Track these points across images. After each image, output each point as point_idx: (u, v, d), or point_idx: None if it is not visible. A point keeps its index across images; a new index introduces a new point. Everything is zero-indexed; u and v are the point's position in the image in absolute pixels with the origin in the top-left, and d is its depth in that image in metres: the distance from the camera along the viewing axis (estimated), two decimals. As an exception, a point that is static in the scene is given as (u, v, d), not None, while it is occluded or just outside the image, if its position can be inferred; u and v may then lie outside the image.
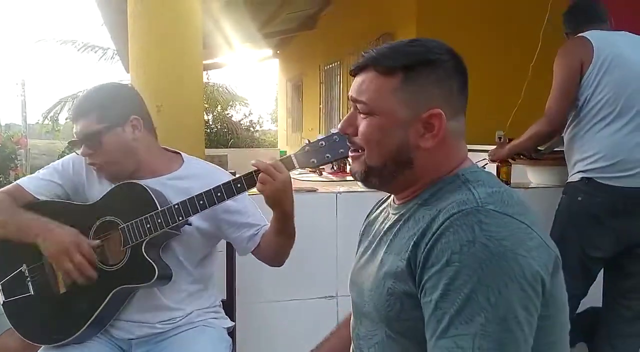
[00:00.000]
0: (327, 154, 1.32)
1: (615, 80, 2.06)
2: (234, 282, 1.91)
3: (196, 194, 1.42)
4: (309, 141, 1.36)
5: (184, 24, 2.27)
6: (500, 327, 0.76)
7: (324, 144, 1.32)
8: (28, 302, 1.54)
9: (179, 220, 1.43)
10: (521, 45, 3.75)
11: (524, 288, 0.77)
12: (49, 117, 14.36)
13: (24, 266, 1.55)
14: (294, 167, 1.37)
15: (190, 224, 1.51)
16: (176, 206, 1.43)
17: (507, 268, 0.77)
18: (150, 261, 1.45)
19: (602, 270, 2.20)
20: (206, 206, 1.42)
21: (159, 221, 1.43)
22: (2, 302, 1.57)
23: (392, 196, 1.05)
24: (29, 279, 1.54)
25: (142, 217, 1.44)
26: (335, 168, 3.26)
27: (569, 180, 2.19)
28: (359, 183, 1.03)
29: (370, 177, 0.98)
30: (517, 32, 4.52)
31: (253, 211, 1.62)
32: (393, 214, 1.00)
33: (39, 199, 1.56)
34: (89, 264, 1.43)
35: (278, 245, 1.56)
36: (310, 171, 3.51)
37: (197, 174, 1.60)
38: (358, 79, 0.99)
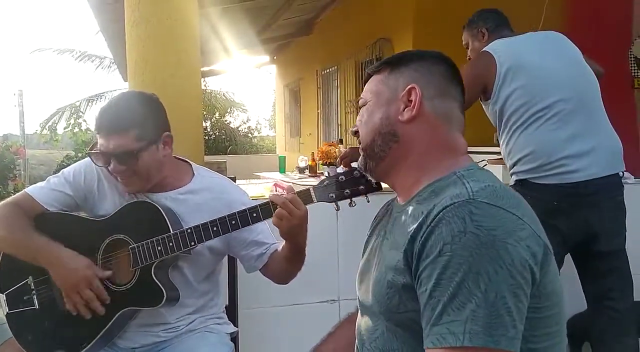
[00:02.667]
0: (346, 190, 1.29)
1: (524, 84, 2.07)
2: (236, 288, 1.91)
3: (210, 220, 1.39)
4: (328, 174, 1.33)
5: (182, 31, 2.28)
6: (489, 312, 0.79)
7: (344, 178, 1.29)
8: (32, 315, 1.52)
9: (191, 245, 1.41)
10: (517, 47, 3.76)
11: (513, 275, 0.80)
12: (47, 127, 14.36)
13: (30, 278, 1.52)
14: (312, 202, 1.34)
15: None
16: (189, 231, 1.40)
17: (496, 256, 0.80)
18: (159, 285, 1.43)
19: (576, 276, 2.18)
20: (220, 233, 1.40)
21: (171, 244, 1.41)
22: (5, 313, 1.55)
23: (397, 196, 1.09)
24: (34, 292, 1.52)
25: (154, 239, 1.42)
26: (332, 164, 3.26)
27: (509, 184, 2.18)
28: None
29: (368, 161, 1.07)
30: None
31: (262, 228, 1.57)
32: (397, 212, 1.05)
33: (48, 210, 1.53)
34: (98, 299, 1.42)
35: (287, 269, 1.55)
36: (310, 175, 3.52)
37: (208, 187, 1.57)
38: None
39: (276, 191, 2.69)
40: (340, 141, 3.99)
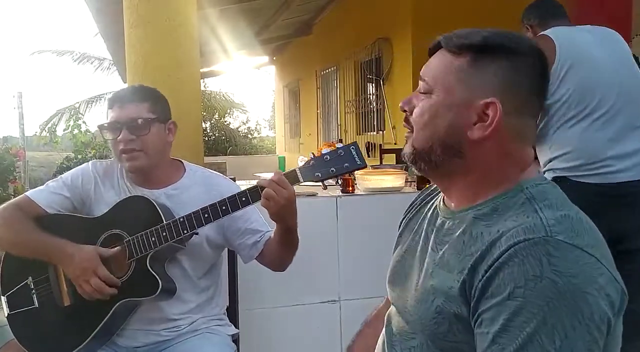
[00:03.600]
0: (331, 168, 1.32)
1: (580, 78, 2.05)
2: (237, 289, 1.92)
3: (201, 207, 1.42)
4: (313, 155, 1.36)
5: (181, 32, 2.28)
6: None
7: (328, 158, 1.32)
8: (32, 314, 1.54)
9: (184, 233, 1.43)
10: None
11: (591, 331, 0.72)
12: (46, 128, 14.35)
13: (30, 279, 1.56)
14: (298, 182, 1.36)
15: (197, 234, 1.51)
16: (181, 219, 1.43)
17: (575, 309, 0.72)
18: (155, 275, 1.45)
19: None
20: (211, 219, 1.42)
21: (164, 234, 1.44)
22: (6, 315, 1.57)
23: (442, 195, 0.99)
24: (33, 291, 1.55)
25: (148, 231, 1.45)
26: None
27: None
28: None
29: (418, 161, 0.92)
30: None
31: (256, 216, 1.62)
32: (445, 218, 0.94)
33: (48, 212, 1.56)
34: (108, 284, 1.44)
35: (282, 254, 1.57)
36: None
37: (199, 181, 1.62)
38: (430, 60, 0.92)
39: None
40: (340, 141, 3.99)
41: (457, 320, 0.82)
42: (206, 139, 14.02)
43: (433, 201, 1.03)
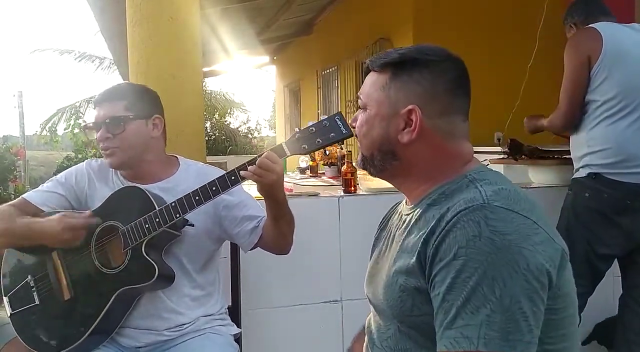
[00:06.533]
0: (317, 139, 1.34)
1: (625, 75, 2.04)
2: (239, 288, 1.92)
3: (192, 191, 1.44)
4: (299, 129, 1.38)
5: (184, 31, 2.28)
6: (505, 317, 0.79)
7: (314, 129, 1.34)
8: (34, 312, 1.55)
9: (176, 217, 1.44)
10: (518, 46, 3.76)
11: (529, 280, 0.80)
12: (47, 128, 14.35)
13: (29, 277, 1.57)
14: (285, 155, 1.39)
15: (192, 225, 1.52)
16: (173, 204, 1.45)
17: (511, 261, 0.80)
18: (150, 260, 1.46)
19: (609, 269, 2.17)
20: (202, 201, 1.43)
21: (157, 220, 1.45)
22: (9, 314, 1.58)
23: (405, 198, 1.08)
24: (34, 289, 1.56)
25: (141, 218, 1.46)
26: (333, 165, 3.26)
27: (575, 176, 2.17)
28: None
29: (367, 166, 1.05)
30: (514, 34, 4.53)
31: (251, 203, 1.63)
32: (405, 214, 1.04)
33: (43, 211, 1.58)
34: (85, 225, 1.50)
35: (279, 232, 1.57)
36: (311, 176, 3.52)
37: (192, 174, 1.63)
38: (365, 80, 1.06)
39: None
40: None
41: (418, 293, 0.90)
42: (206, 138, 13.98)
43: (399, 207, 1.12)
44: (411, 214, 1.00)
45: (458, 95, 0.99)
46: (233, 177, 1.41)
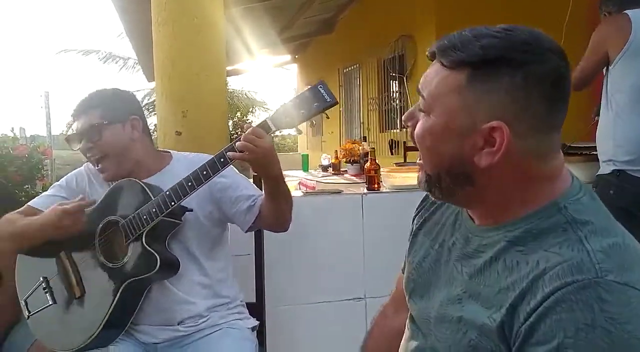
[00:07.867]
0: (301, 110, 1.36)
1: None
2: (263, 285, 1.93)
3: (184, 178, 1.46)
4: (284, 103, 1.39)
5: (208, 31, 2.30)
6: None
7: (297, 101, 1.36)
8: (50, 312, 1.59)
9: (172, 205, 1.46)
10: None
11: None
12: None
13: (41, 279, 1.62)
14: (270, 130, 1.41)
15: (191, 210, 1.55)
16: (167, 192, 1.47)
17: None
18: (152, 251, 1.48)
19: None
20: (195, 186, 1.45)
21: (154, 210, 1.47)
22: (27, 317, 1.63)
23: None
24: (46, 290, 1.61)
25: (139, 210, 1.49)
26: (356, 162, 3.26)
27: (600, 172, 2.16)
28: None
29: (432, 188, 0.83)
30: (539, 28, 4.47)
31: (245, 183, 1.65)
32: (471, 234, 0.85)
33: None
34: (79, 207, 1.52)
35: (276, 209, 1.57)
36: (333, 173, 3.52)
37: (186, 164, 1.62)
38: (428, 69, 0.81)
39: (300, 188, 2.70)
40: (364, 139, 3.98)
41: None
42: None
43: (451, 209, 0.94)
44: (480, 239, 0.83)
45: (557, 104, 0.75)
46: (222, 159, 1.43)
